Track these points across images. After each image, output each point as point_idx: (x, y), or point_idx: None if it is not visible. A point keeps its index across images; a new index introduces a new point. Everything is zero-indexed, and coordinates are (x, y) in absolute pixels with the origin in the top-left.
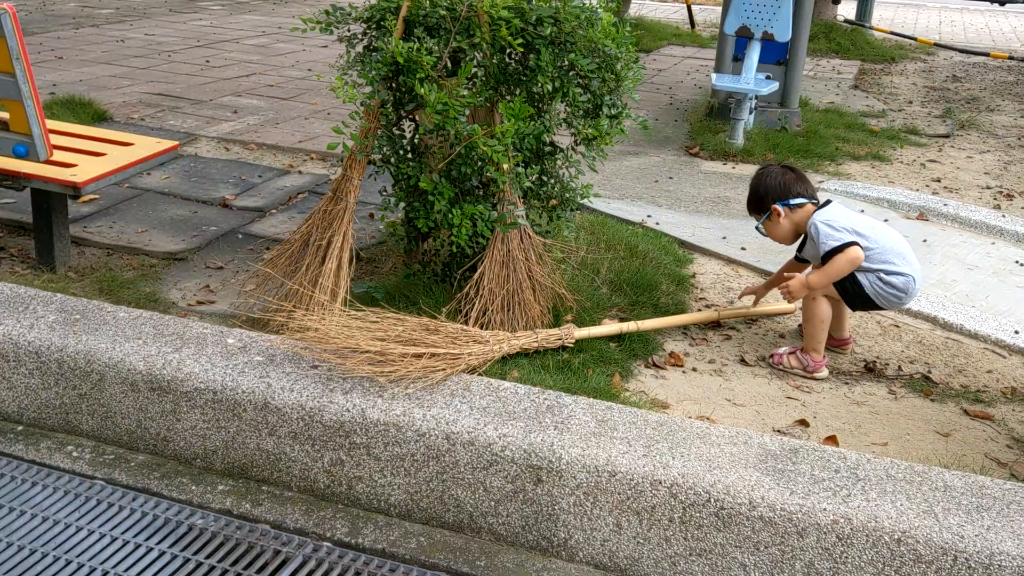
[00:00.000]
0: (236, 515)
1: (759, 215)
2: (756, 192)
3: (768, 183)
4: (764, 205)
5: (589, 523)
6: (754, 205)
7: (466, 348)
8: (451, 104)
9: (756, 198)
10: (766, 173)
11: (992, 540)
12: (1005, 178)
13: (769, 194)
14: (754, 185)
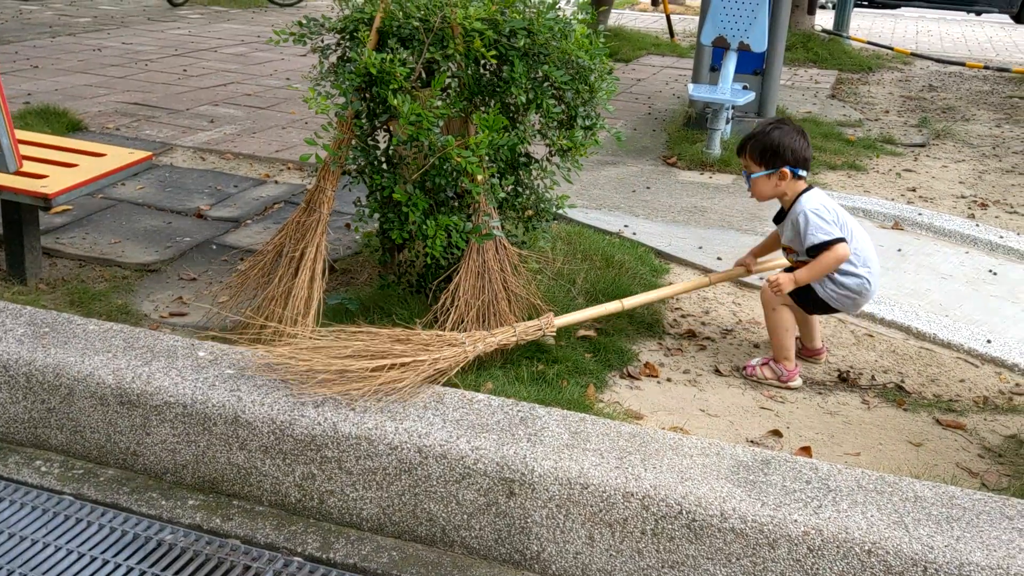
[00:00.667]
0: (206, 530)
1: (763, 167)
2: (774, 145)
3: (790, 143)
4: (775, 161)
5: (562, 536)
6: (762, 156)
7: (437, 353)
8: (425, 115)
9: (771, 150)
10: (789, 131)
11: (962, 551)
12: (979, 187)
13: (786, 154)
14: (774, 138)
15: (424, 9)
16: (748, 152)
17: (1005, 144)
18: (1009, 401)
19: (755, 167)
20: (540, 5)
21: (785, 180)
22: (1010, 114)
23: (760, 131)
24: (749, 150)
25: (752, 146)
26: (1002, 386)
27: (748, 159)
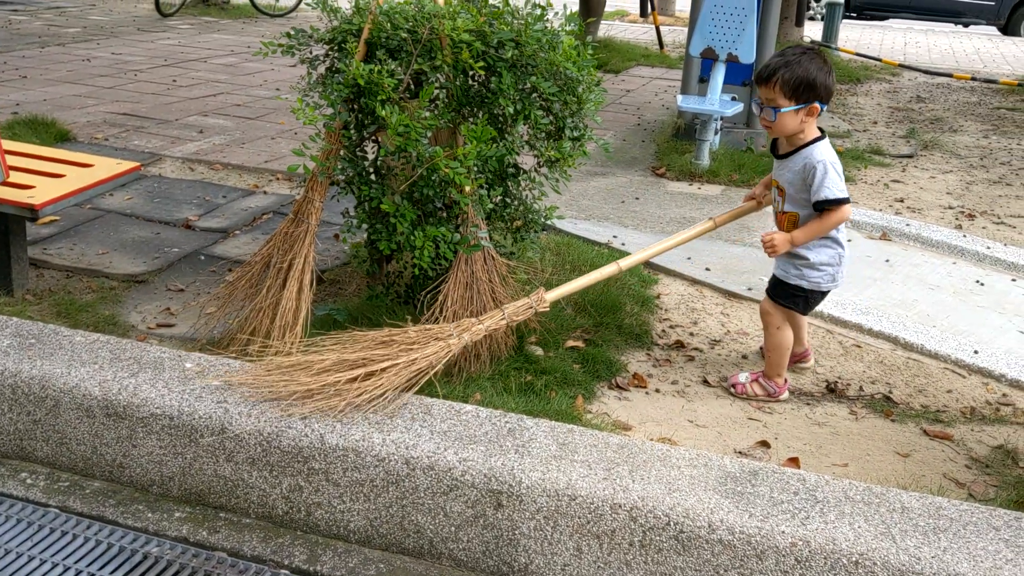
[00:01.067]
0: (193, 543)
1: (793, 101)
2: (810, 79)
3: (824, 78)
4: (809, 96)
5: (550, 548)
6: (795, 89)
7: (418, 352)
8: (413, 126)
9: (806, 83)
10: (820, 63)
11: (948, 562)
12: (967, 198)
13: (820, 89)
14: (810, 70)
15: (412, 21)
16: (779, 83)
17: (992, 155)
18: (996, 412)
19: (784, 101)
20: (528, 17)
21: (813, 116)
22: (997, 125)
23: (792, 60)
24: (781, 81)
25: (785, 77)
26: (989, 397)
27: (776, 90)
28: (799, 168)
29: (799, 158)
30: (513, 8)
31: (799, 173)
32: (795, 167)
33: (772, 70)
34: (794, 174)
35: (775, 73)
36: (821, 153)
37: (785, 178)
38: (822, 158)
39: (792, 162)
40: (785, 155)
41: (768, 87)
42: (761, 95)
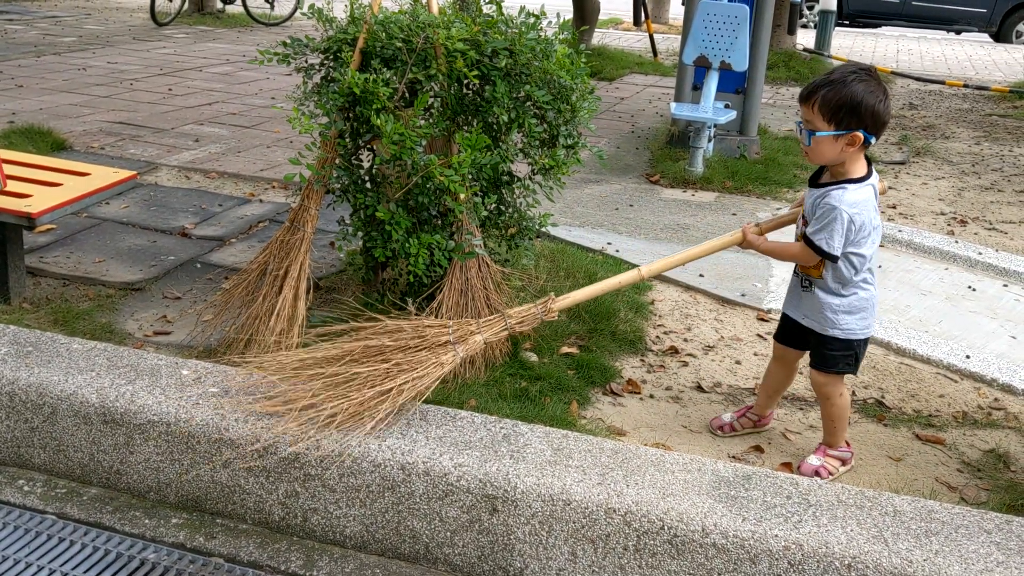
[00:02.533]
0: (189, 549)
1: (832, 126)
2: (855, 102)
3: (874, 104)
4: (851, 123)
5: (544, 552)
6: (835, 112)
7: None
8: (408, 134)
9: (848, 107)
10: (874, 87)
11: (940, 564)
12: (959, 204)
13: (866, 116)
14: (856, 92)
15: (407, 30)
16: (819, 103)
17: (984, 161)
18: (988, 416)
19: (822, 124)
20: (522, 26)
21: (854, 147)
22: (989, 132)
23: (838, 79)
24: (821, 101)
25: (825, 97)
26: (981, 401)
27: (816, 111)
28: (822, 205)
29: (828, 193)
30: (507, 17)
31: (817, 209)
32: (816, 201)
33: (813, 88)
34: (812, 207)
35: (816, 92)
36: (844, 199)
37: (808, 206)
38: (838, 204)
39: (819, 195)
40: (820, 186)
41: (807, 107)
42: (802, 116)
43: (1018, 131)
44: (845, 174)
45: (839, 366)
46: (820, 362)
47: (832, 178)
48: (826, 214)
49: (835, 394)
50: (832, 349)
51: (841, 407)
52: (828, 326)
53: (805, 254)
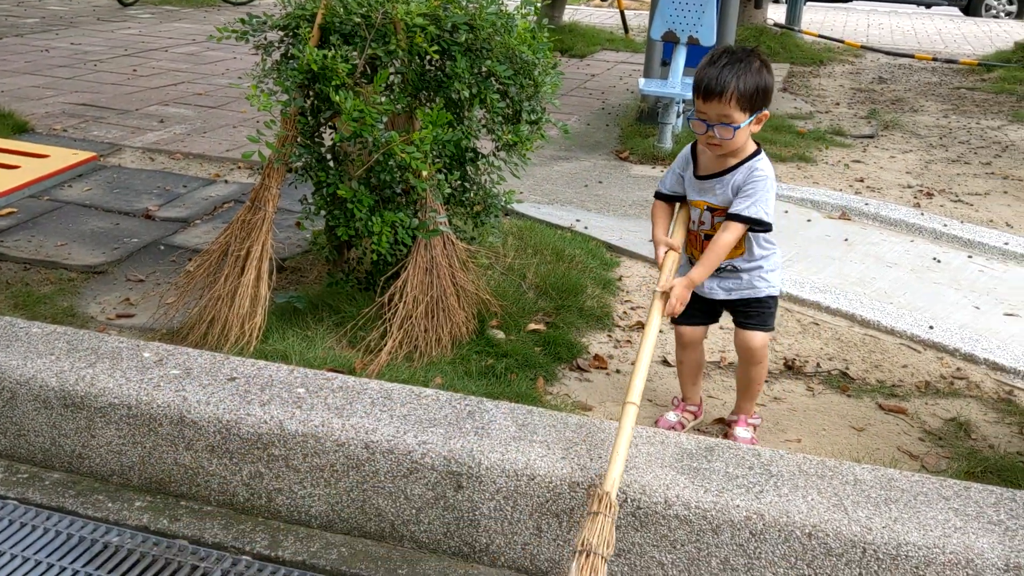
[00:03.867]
0: (153, 531)
1: (748, 114)
2: (763, 86)
3: (772, 82)
4: (763, 103)
5: (510, 527)
6: (752, 100)
7: None
8: (368, 111)
9: (761, 92)
10: (768, 68)
11: (899, 531)
12: (926, 177)
13: (770, 95)
14: (762, 75)
15: (366, 5)
16: (735, 97)
17: (952, 134)
18: (950, 385)
19: (740, 115)
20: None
21: (759, 126)
22: (957, 105)
23: (741, 68)
24: (737, 94)
25: (741, 89)
26: (943, 371)
27: (732, 105)
28: (740, 180)
29: (740, 173)
30: None
31: (736, 187)
32: (736, 182)
33: (724, 83)
34: (732, 189)
35: (728, 86)
36: (766, 167)
37: (721, 197)
38: (767, 173)
39: (732, 178)
40: (722, 173)
41: (721, 102)
42: (708, 112)
43: (985, 104)
44: (746, 153)
45: (773, 321)
46: (761, 324)
47: (734, 160)
48: (756, 185)
49: (766, 354)
50: (770, 307)
51: (766, 366)
52: (764, 287)
53: (735, 234)
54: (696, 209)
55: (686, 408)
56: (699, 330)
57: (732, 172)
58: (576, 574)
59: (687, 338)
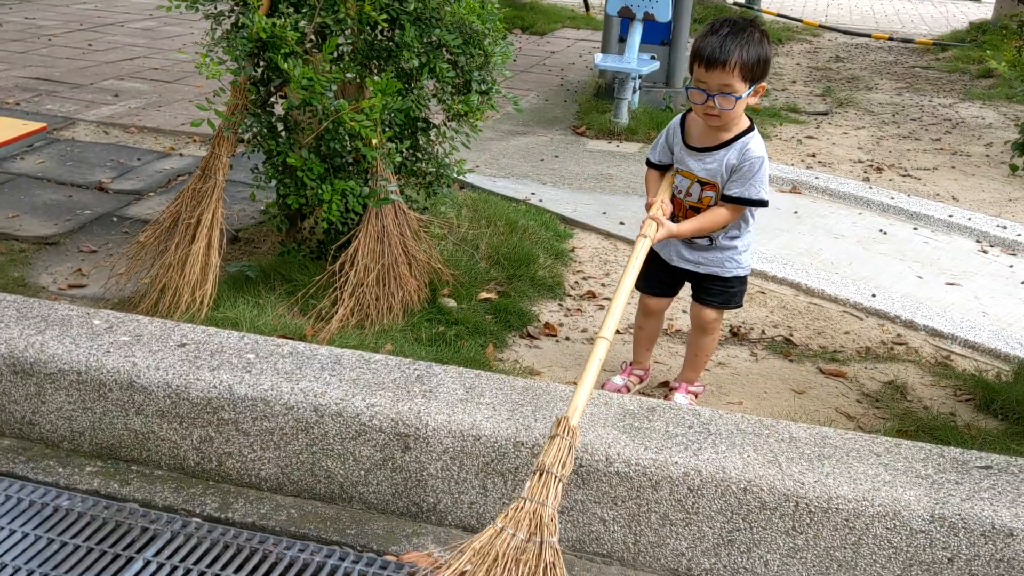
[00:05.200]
0: (104, 495)
1: (748, 84)
2: (764, 56)
3: (770, 54)
4: (762, 75)
5: (456, 487)
6: (753, 69)
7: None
8: (317, 79)
9: (763, 62)
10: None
11: (831, 485)
12: (876, 152)
13: (768, 67)
14: (763, 46)
15: None
16: (739, 66)
17: (904, 112)
18: (890, 351)
19: (741, 85)
20: None
21: (757, 97)
22: (911, 83)
23: (744, 38)
24: (741, 63)
25: (744, 58)
26: (884, 337)
27: (735, 74)
28: (734, 160)
29: (734, 151)
30: None
31: (729, 168)
32: (728, 159)
33: (727, 52)
34: (725, 167)
35: (732, 55)
36: (759, 147)
37: (710, 170)
38: (761, 153)
39: (725, 153)
40: (715, 148)
41: (724, 71)
42: (709, 81)
43: (939, 82)
44: (740, 128)
45: (736, 300)
46: (722, 302)
47: (727, 135)
48: (753, 165)
49: (719, 327)
50: (734, 287)
51: (716, 339)
52: (733, 267)
53: (734, 213)
54: (685, 179)
55: (633, 372)
56: (664, 300)
57: (726, 148)
58: (528, 492)
59: (651, 307)
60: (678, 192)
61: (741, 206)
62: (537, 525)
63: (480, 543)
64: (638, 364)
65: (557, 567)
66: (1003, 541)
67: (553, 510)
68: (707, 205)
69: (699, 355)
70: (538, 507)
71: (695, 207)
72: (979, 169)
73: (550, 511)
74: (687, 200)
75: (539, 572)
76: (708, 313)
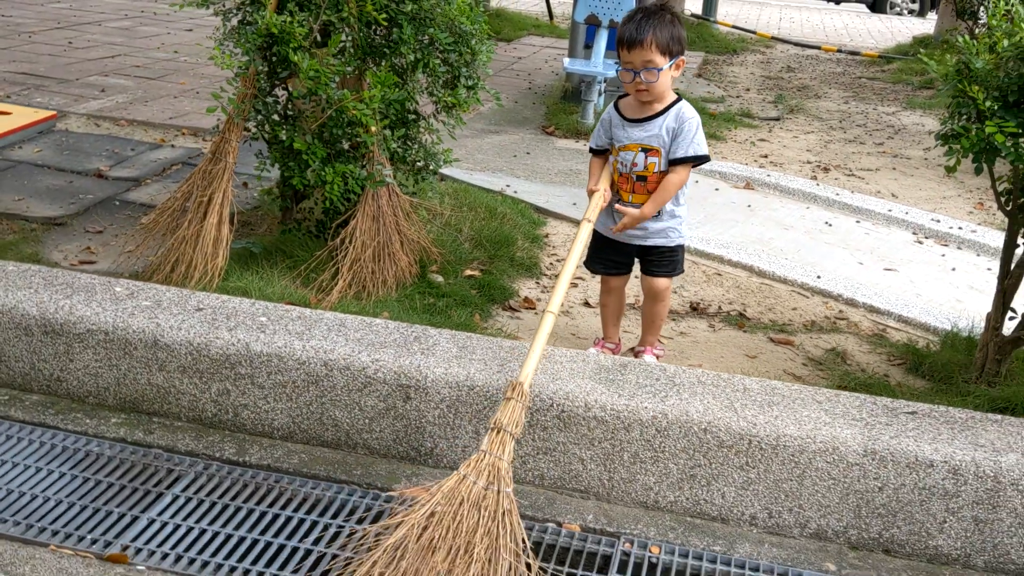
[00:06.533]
0: (130, 442)
1: (667, 58)
2: (677, 33)
3: (684, 33)
4: (678, 50)
5: (452, 432)
6: (669, 44)
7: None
8: (322, 71)
9: (677, 38)
10: (679, 21)
11: (779, 426)
12: (824, 154)
13: (684, 43)
14: (675, 25)
15: None
16: (655, 42)
17: (850, 118)
18: (833, 324)
19: (661, 59)
20: None
21: (679, 71)
22: (857, 92)
23: (655, 19)
24: (655, 39)
25: (657, 35)
26: (828, 312)
27: (653, 50)
28: (672, 126)
29: (670, 117)
30: None
31: (670, 130)
32: (668, 124)
33: (643, 32)
34: (666, 131)
35: (647, 34)
36: (691, 110)
37: (657, 138)
38: (694, 115)
39: (663, 120)
40: (651, 117)
41: (643, 48)
42: (633, 60)
43: (883, 92)
44: (668, 98)
45: (680, 267)
46: (670, 270)
47: (661, 106)
48: (691, 125)
49: (670, 293)
50: (676, 255)
51: (668, 303)
52: (676, 237)
53: (684, 175)
54: (629, 152)
55: (605, 345)
56: (622, 278)
57: (663, 115)
58: (486, 445)
59: (611, 285)
60: (623, 167)
61: (688, 165)
62: (495, 475)
63: (448, 486)
64: (608, 339)
65: (513, 513)
66: (924, 471)
67: (508, 463)
68: (653, 171)
69: (656, 320)
70: (496, 460)
71: (642, 176)
72: (917, 171)
73: (506, 465)
74: (634, 171)
75: (497, 515)
76: (660, 282)
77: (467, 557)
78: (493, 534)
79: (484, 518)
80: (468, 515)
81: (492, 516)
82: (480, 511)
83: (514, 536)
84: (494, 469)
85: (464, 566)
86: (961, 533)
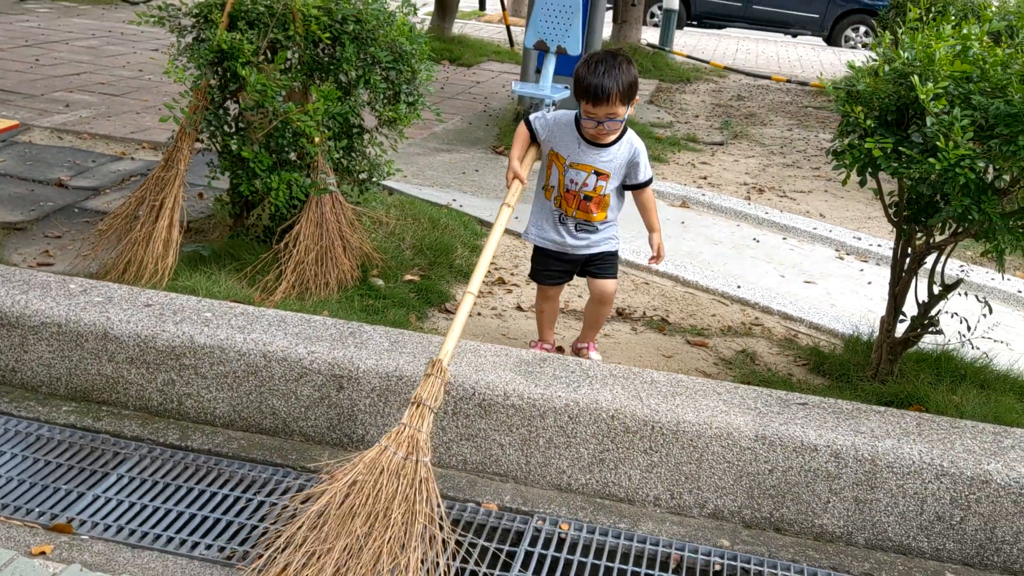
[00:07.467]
0: (79, 428)
1: (628, 105)
2: (633, 79)
3: (636, 72)
4: (633, 95)
5: (382, 419)
6: (629, 93)
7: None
8: (269, 85)
9: (634, 85)
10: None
11: (679, 414)
12: (761, 177)
13: (638, 85)
14: (630, 71)
15: None
16: (619, 97)
17: (792, 144)
18: (748, 329)
19: (622, 109)
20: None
21: (634, 107)
22: (802, 120)
23: (615, 71)
24: (620, 95)
25: (622, 88)
26: (744, 319)
27: (616, 103)
28: (626, 153)
29: (624, 144)
30: None
31: (625, 157)
32: (622, 153)
33: (607, 89)
34: (621, 159)
35: (612, 91)
36: (637, 138)
37: (611, 164)
38: (640, 143)
39: (617, 149)
40: (610, 144)
41: (609, 105)
42: (598, 113)
43: (827, 120)
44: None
45: (617, 268)
46: (613, 273)
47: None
48: (642, 153)
49: (610, 301)
50: (616, 258)
51: (613, 305)
52: (615, 243)
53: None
54: (582, 172)
55: (543, 347)
56: (560, 287)
57: (617, 144)
58: (406, 419)
59: (550, 293)
60: (573, 184)
61: (648, 186)
62: (414, 447)
63: (370, 457)
64: (545, 340)
65: (429, 480)
66: (809, 455)
67: (427, 435)
68: (599, 193)
69: (600, 320)
70: (415, 432)
71: (588, 195)
72: (848, 193)
73: (424, 436)
74: (583, 191)
75: (415, 483)
76: (610, 284)
77: (385, 520)
78: (410, 500)
79: (402, 486)
80: (388, 483)
81: (410, 484)
82: (399, 479)
83: (430, 502)
84: (413, 440)
85: (382, 529)
86: (843, 512)
